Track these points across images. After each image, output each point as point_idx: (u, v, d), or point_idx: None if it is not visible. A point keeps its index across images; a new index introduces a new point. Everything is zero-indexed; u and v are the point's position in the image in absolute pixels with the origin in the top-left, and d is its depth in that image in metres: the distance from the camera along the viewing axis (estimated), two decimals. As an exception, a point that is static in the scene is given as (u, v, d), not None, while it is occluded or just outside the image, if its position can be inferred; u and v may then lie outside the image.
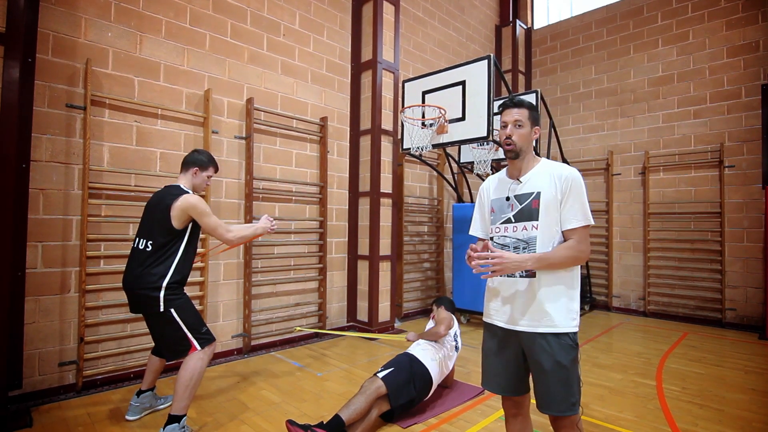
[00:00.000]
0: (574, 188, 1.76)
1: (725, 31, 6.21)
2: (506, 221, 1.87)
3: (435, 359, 3.11)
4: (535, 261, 1.71)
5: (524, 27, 8.48)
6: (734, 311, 5.91)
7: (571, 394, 1.73)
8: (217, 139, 4.24)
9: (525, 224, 1.81)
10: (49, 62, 3.27)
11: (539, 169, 1.86)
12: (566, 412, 1.73)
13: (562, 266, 1.76)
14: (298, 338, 4.85)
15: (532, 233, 1.78)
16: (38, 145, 3.20)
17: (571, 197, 1.76)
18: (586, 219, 1.76)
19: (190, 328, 2.61)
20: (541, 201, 1.78)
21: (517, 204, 1.84)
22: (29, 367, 3.14)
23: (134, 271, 2.60)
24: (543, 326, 1.75)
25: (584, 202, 1.77)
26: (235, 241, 2.79)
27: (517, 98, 1.89)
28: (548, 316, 1.75)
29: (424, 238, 6.72)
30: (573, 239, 1.76)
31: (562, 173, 1.79)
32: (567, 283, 1.79)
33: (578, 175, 1.80)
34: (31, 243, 3.16)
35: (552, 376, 1.72)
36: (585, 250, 1.76)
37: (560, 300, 1.76)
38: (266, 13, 4.70)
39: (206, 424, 2.84)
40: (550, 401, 1.74)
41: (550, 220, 1.77)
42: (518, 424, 1.98)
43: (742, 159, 5.98)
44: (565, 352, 1.73)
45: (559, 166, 1.84)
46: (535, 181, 1.83)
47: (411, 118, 5.06)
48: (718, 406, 3.26)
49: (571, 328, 1.76)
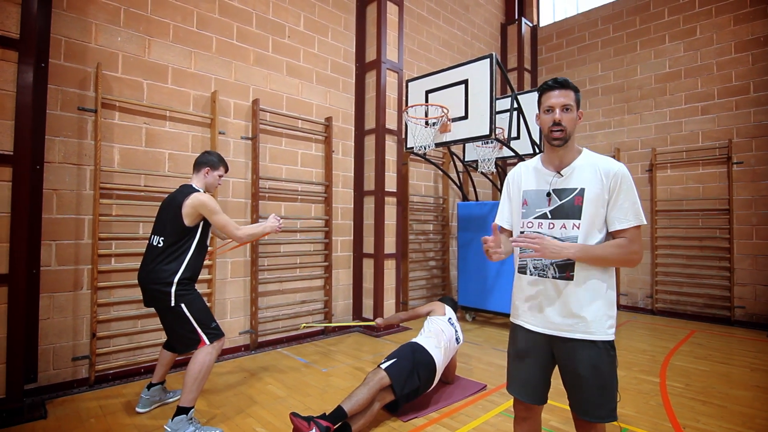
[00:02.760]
0: (624, 185, 1.62)
1: (733, 26, 6.15)
2: (541, 216, 1.72)
3: (439, 347, 3.14)
4: (578, 250, 1.58)
5: (530, 25, 8.46)
6: (743, 309, 5.85)
7: (611, 399, 1.64)
8: (224, 140, 4.33)
9: (564, 222, 1.67)
10: (61, 67, 3.38)
11: (582, 161, 1.69)
12: (606, 419, 1.64)
13: (607, 263, 1.63)
14: (304, 335, 4.93)
15: (572, 233, 1.64)
16: (51, 147, 3.32)
17: (622, 195, 1.61)
18: (638, 218, 1.61)
19: (199, 323, 2.69)
20: (585, 198, 1.63)
21: (557, 199, 1.69)
22: (44, 361, 3.26)
23: (148, 266, 2.71)
24: (578, 332, 1.64)
25: (636, 200, 1.63)
26: (244, 239, 2.88)
27: (561, 78, 1.71)
28: (584, 321, 1.64)
29: (430, 236, 6.76)
30: (624, 238, 1.62)
31: (610, 169, 1.63)
32: (605, 287, 1.67)
33: (627, 172, 1.65)
34: (45, 242, 3.28)
35: (591, 383, 1.63)
36: (637, 251, 1.61)
37: (597, 304, 1.65)
38: (271, 16, 4.78)
39: (214, 416, 2.93)
40: (589, 408, 1.65)
41: (594, 220, 1.63)
42: (527, 426, 1.88)
43: (750, 155, 5.91)
44: (603, 358, 1.64)
45: (605, 160, 1.68)
46: (578, 175, 1.67)
47: (414, 117, 5.11)
48: (721, 402, 3.26)
49: (607, 336, 1.64)
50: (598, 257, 1.60)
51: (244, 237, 2.85)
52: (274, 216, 3.04)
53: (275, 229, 3.00)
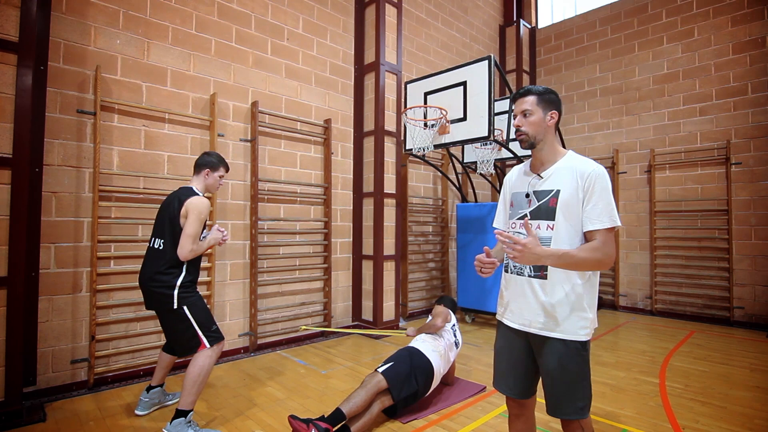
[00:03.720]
0: (598, 186, 1.64)
1: (731, 28, 6.17)
2: (522, 218, 1.79)
3: (436, 350, 3.15)
4: (556, 258, 1.58)
5: (528, 26, 8.49)
6: (742, 309, 5.85)
7: (579, 398, 1.68)
8: (223, 142, 4.34)
9: (540, 223, 1.72)
10: (60, 69, 3.38)
11: (563, 163, 1.74)
12: (572, 416, 1.69)
13: (583, 267, 1.64)
14: (303, 337, 4.93)
15: (546, 233, 1.69)
16: (51, 150, 3.32)
17: (595, 196, 1.63)
18: (611, 220, 1.62)
19: (200, 325, 2.69)
20: (560, 200, 1.68)
21: (536, 200, 1.75)
22: (43, 364, 3.26)
23: (149, 269, 2.70)
24: (549, 330, 1.69)
25: (610, 201, 1.64)
26: (188, 256, 2.66)
27: (525, 87, 1.79)
28: (555, 320, 1.68)
29: (429, 238, 6.77)
30: (597, 240, 1.63)
31: (585, 170, 1.67)
32: (581, 288, 1.69)
33: (603, 172, 1.66)
34: (44, 244, 3.28)
35: (558, 380, 1.69)
36: (610, 253, 1.61)
37: (571, 305, 1.68)
38: (270, 18, 4.79)
39: (214, 419, 2.92)
40: (557, 405, 1.72)
41: (568, 221, 1.67)
42: (521, 424, 1.93)
43: (749, 156, 5.93)
44: (571, 358, 1.67)
45: (583, 161, 1.72)
46: (556, 177, 1.72)
47: (413, 119, 5.12)
48: (720, 403, 3.26)
49: (580, 337, 1.67)
50: (575, 263, 1.60)
51: (190, 255, 2.66)
52: (216, 227, 2.90)
53: (218, 241, 2.87)
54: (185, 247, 2.64)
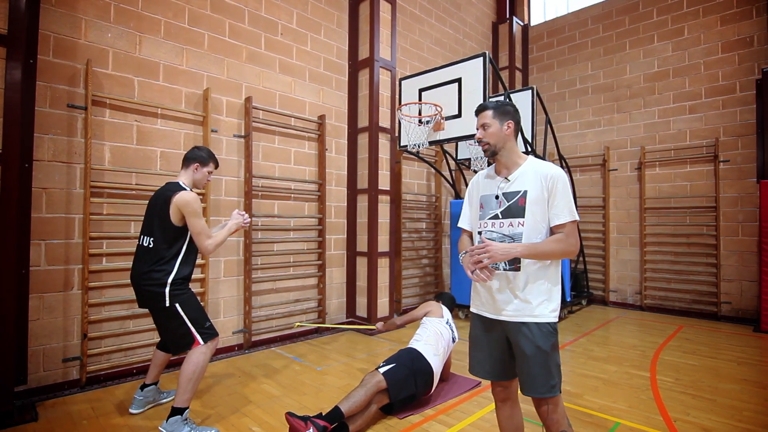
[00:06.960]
0: (560, 186, 1.87)
1: (720, 27, 6.26)
2: (493, 217, 1.97)
3: (437, 354, 3.16)
4: (524, 248, 1.80)
5: (521, 24, 8.52)
6: (729, 304, 5.97)
7: (551, 377, 1.84)
8: (217, 138, 4.29)
9: (511, 221, 1.91)
10: (50, 63, 3.31)
11: (526, 167, 1.96)
12: (546, 394, 1.84)
13: (550, 256, 1.86)
14: (298, 334, 4.92)
15: (518, 229, 1.89)
16: (41, 145, 3.26)
17: (558, 195, 1.86)
18: (572, 215, 1.86)
19: (193, 322, 2.66)
20: (528, 199, 1.89)
21: (505, 201, 1.95)
22: (34, 363, 3.21)
23: (140, 268, 2.67)
24: (525, 316, 1.86)
25: (570, 199, 1.87)
26: (212, 251, 2.72)
27: (480, 104, 2.03)
28: (530, 306, 1.86)
29: (423, 234, 6.78)
30: (562, 233, 1.86)
31: (548, 173, 1.89)
32: (550, 278, 1.90)
33: (563, 174, 1.90)
34: (34, 241, 3.22)
35: (533, 361, 1.83)
36: (574, 243, 1.85)
37: (542, 293, 1.87)
38: (264, 13, 4.74)
39: (209, 416, 2.91)
40: (531, 384, 1.85)
41: (536, 217, 1.88)
42: (507, 409, 2.08)
43: (737, 153, 6.03)
44: (545, 338, 1.84)
45: (544, 165, 1.94)
46: (522, 179, 1.93)
47: (408, 115, 5.11)
48: (710, 396, 3.32)
49: (550, 318, 1.87)
50: (541, 253, 1.83)
51: (212, 248, 2.70)
52: (237, 211, 2.91)
53: (241, 225, 2.88)
54: (201, 244, 2.68)
